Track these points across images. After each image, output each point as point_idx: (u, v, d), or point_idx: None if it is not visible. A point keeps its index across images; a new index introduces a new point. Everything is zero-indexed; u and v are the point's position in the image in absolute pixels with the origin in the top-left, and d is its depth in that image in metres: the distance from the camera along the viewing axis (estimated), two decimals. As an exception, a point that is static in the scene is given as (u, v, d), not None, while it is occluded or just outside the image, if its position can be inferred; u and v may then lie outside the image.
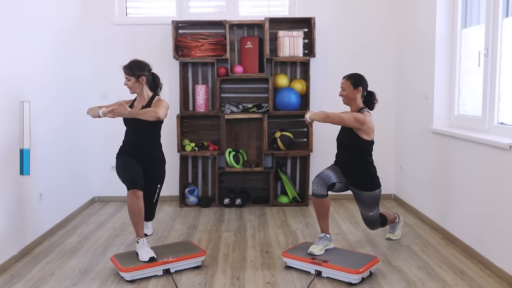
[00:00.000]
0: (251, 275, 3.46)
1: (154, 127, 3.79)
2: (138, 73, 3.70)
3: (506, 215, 3.30)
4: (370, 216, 3.82)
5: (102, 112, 3.58)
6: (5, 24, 3.63)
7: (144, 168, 3.75)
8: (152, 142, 3.83)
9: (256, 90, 5.58)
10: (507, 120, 3.64)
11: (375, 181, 3.77)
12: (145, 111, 3.62)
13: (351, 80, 3.74)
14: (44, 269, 3.58)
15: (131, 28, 5.49)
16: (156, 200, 3.97)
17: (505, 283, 3.27)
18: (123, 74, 3.72)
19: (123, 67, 3.73)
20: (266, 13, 5.61)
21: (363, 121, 3.60)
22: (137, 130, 3.75)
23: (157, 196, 3.95)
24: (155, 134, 3.85)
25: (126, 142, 3.83)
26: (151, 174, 3.82)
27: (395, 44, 5.52)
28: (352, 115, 3.61)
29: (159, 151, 3.89)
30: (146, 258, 3.41)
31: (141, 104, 3.77)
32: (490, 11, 3.71)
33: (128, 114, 3.55)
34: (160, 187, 3.94)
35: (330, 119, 3.61)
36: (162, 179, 3.96)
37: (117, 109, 3.55)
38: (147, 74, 3.75)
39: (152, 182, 3.85)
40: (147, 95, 3.79)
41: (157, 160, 3.86)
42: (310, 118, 3.68)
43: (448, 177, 4.18)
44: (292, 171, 5.69)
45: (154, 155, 3.84)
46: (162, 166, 3.94)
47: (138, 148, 3.77)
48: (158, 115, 3.57)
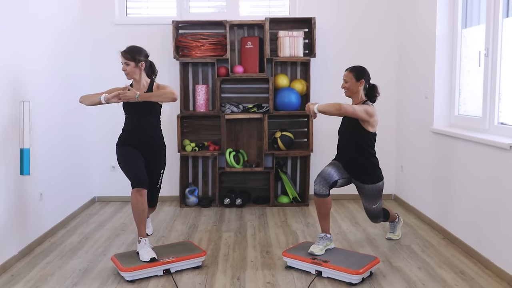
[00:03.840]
0: (252, 275, 3.46)
1: (156, 111, 3.76)
2: (138, 58, 3.65)
3: (507, 215, 3.30)
4: (373, 209, 3.81)
5: (104, 98, 3.51)
6: (5, 23, 3.63)
7: (145, 156, 3.71)
8: (154, 127, 3.79)
9: (257, 90, 5.58)
10: (507, 120, 3.64)
11: (378, 173, 3.76)
12: (160, 93, 3.57)
13: (354, 72, 3.74)
14: (45, 269, 3.58)
15: (131, 28, 5.49)
16: (159, 185, 3.91)
17: (505, 283, 3.27)
18: (122, 59, 3.65)
19: (121, 52, 3.66)
20: (267, 13, 5.61)
21: (372, 113, 3.61)
22: (140, 115, 3.68)
23: (160, 181, 3.90)
24: (157, 119, 3.81)
25: (126, 129, 3.77)
26: (154, 161, 3.77)
27: (395, 44, 5.52)
28: (363, 107, 3.59)
29: (160, 136, 3.84)
30: (147, 258, 3.41)
31: (140, 91, 3.68)
32: (490, 11, 3.71)
33: (139, 98, 3.49)
34: (163, 172, 3.89)
35: (345, 111, 3.51)
36: (164, 164, 3.91)
37: (124, 93, 3.49)
38: (145, 60, 3.72)
39: (154, 168, 3.79)
40: (145, 81, 3.75)
41: (159, 146, 3.82)
42: (319, 110, 3.58)
43: (449, 177, 4.18)
44: (293, 171, 5.69)
45: (157, 141, 3.80)
46: (163, 152, 3.88)
47: (139, 134, 3.71)
48: (174, 95, 3.53)
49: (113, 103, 3.56)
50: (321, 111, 3.58)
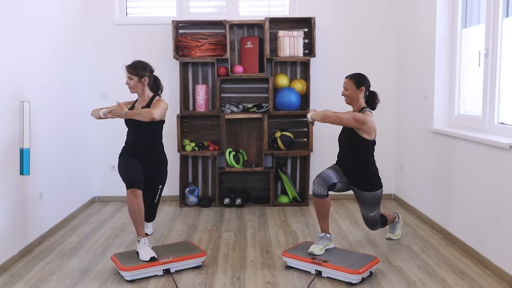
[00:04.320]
0: (251, 275, 3.46)
1: (154, 128, 3.78)
2: (141, 73, 3.71)
3: (506, 215, 3.30)
4: (371, 217, 3.82)
5: (102, 113, 3.63)
6: (5, 24, 3.63)
7: (145, 168, 3.75)
8: (152, 142, 3.83)
9: (256, 90, 5.58)
10: (507, 120, 3.64)
11: (377, 182, 3.77)
12: (140, 112, 3.62)
13: (354, 80, 3.74)
14: (44, 269, 3.58)
15: (131, 28, 5.49)
16: (157, 201, 3.95)
17: (505, 283, 3.27)
18: (126, 73, 3.73)
19: (126, 66, 3.74)
20: (266, 13, 5.61)
21: (362, 120, 3.60)
22: (137, 130, 3.76)
23: (158, 196, 3.94)
24: (156, 135, 3.84)
25: (127, 142, 3.84)
26: (152, 175, 3.81)
27: (395, 44, 5.52)
28: (351, 115, 3.62)
29: (160, 152, 3.88)
30: (147, 257, 3.41)
31: (142, 105, 3.78)
32: (490, 11, 3.71)
33: (125, 115, 3.59)
34: (161, 188, 3.93)
35: (329, 119, 3.65)
36: (163, 179, 3.95)
37: (115, 110, 3.60)
38: (149, 75, 3.76)
39: (153, 182, 3.84)
40: (147, 95, 3.80)
41: (158, 161, 3.86)
42: (312, 118, 3.74)
43: (449, 177, 4.18)
44: (292, 171, 5.69)
45: (155, 156, 3.84)
46: (164, 167, 3.93)
47: (139, 149, 3.77)
48: (152, 115, 3.57)
49: (108, 118, 3.64)
50: (313, 119, 3.76)
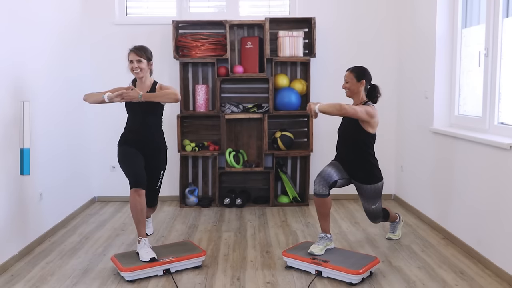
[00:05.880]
0: (251, 275, 3.46)
1: (160, 111, 3.76)
2: (149, 56, 3.69)
3: (506, 215, 3.30)
4: (372, 209, 3.81)
5: (107, 96, 3.52)
6: (5, 23, 3.63)
7: (146, 156, 3.71)
8: (156, 127, 3.79)
9: (256, 90, 5.58)
10: (507, 120, 3.64)
11: (377, 174, 3.76)
12: (162, 94, 3.58)
13: (355, 72, 3.73)
14: (45, 269, 3.58)
15: (131, 28, 5.49)
16: (159, 186, 3.90)
17: (505, 283, 3.27)
18: (134, 56, 3.62)
19: (133, 49, 3.65)
20: (266, 13, 5.61)
21: (373, 114, 3.60)
22: (144, 114, 3.68)
23: (160, 182, 3.89)
24: (160, 119, 3.81)
25: (128, 129, 3.77)
26: (154, 161, 3.77)
27: (395, 44, 5.52)
28: (364, 108, 3.59)
29: (161, 137, 3.84)
30: (147, 258, 3.41)
31: (144, 90, 3.69)
32: (490, 11, 3.71)
33: (142, 98, 3.49)
34: (162, 173, 3.88)
35: (346, 111, 3.53)
36: (164, 165, 3.90)
37: (127, 93, 3.49)
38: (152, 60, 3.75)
39: (155, 169, 3.79)
40: (149, 81, 3.76)
41: (158, 148, 3.81)
42: (320, 110, 3.58)
43: (449, 177, 4.18)
44: (292, 171, 5.69)
45: (157, 141, 3.80)
46: (164, 152, 3.88)
47: (141, 134, 3.71)
48: (177, 96, 3.55)
49: (116, 102, 3.56)
50: (322, 111, 3.58)
